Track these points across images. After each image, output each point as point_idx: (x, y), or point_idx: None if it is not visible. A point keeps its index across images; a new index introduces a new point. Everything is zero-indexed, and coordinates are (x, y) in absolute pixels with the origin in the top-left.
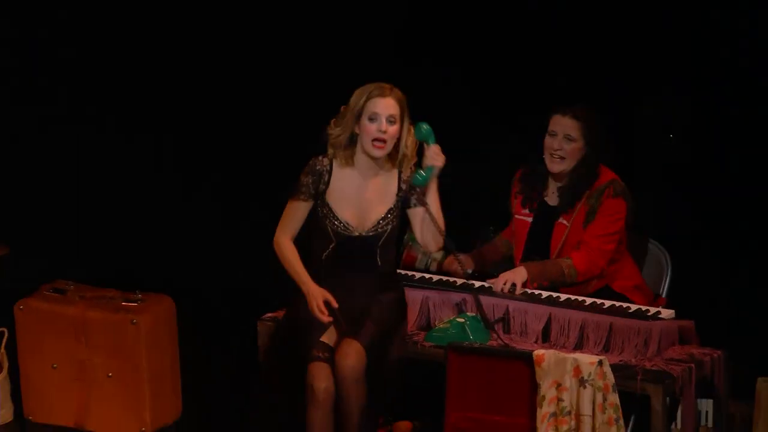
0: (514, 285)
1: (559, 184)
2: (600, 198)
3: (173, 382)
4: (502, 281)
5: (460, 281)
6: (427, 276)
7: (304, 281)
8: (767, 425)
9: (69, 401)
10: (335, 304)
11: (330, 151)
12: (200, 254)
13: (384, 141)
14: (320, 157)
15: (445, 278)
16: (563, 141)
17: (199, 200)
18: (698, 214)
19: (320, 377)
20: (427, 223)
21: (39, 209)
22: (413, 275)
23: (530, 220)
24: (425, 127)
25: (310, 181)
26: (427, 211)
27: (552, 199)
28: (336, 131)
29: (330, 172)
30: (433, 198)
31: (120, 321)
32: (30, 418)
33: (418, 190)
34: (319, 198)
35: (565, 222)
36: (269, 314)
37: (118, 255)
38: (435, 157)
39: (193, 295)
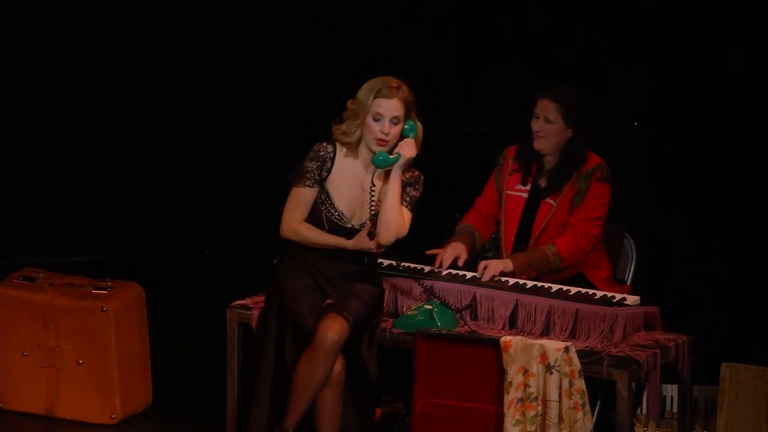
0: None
1: (548, 167)
2: (588, 180)
3: (143, 369)
4: (487, 270)
5: (428, 268)
6: (395, 263)
7: (342, 243)
8: (731, 410)
9: (39, 388)
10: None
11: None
12: (170, 241)
13: (386, 141)
14: (324, 143)
15: (413, 265)
16: (543, 123)
17: (166, 186)
18: (662, 200)
19: (333, 329)
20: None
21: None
22: (381, 262)
23: (526, 196)
24: (411, 124)
25: (315, 166)
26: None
27: (542, 181)
28: (346, 129)
29: (333, 160)
30: (392, 188)
31: (89, 308)
32: (0, 405)
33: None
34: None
35: (551, 202)
36: (238, 302)
37: (87, 241)
38: (405, 146)
39: (162, 282)
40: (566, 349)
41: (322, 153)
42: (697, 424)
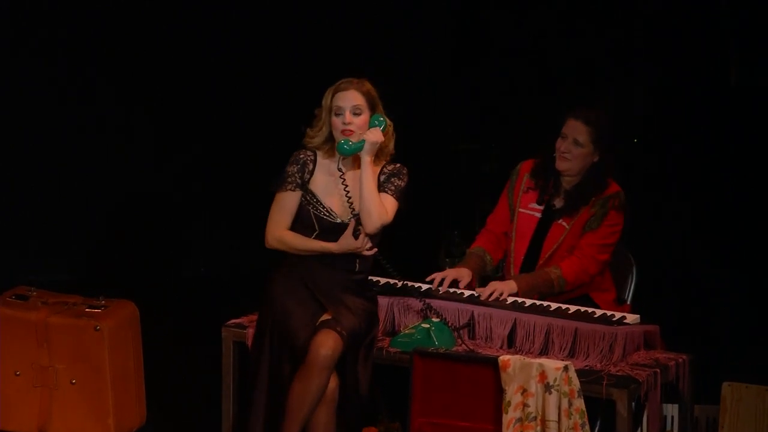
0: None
1: (567, 188)
2: (606, 207)
3: (137, 389)
4: (489, 291)
5: (425, 287)
6: (392, 282)
7: (327, 247)
8: (732, 429)
9: (32, 408)
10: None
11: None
12: (164, 258)
13: (351, 131)
14: (304, 149)
15: (410, 284)
16: (571, 144)
17: (161, 203)
18: (662, 218)
19: (326, 344)
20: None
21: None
22: (378, 281)
23: (539, 215)
24: (381, 119)
25: (295, 170)
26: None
27: (558, 201)
28: (312, 132)
29: (314, 162)
30: (365, 175)
31: (83, 327)
32: None
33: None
34: (303, 188)
35: (564, 224)
36: (234, 320)
37: (80, 259)
38: (370, 132)
39: (157, 301)
40: (565, 368)
41: (301, 156)
42: None
